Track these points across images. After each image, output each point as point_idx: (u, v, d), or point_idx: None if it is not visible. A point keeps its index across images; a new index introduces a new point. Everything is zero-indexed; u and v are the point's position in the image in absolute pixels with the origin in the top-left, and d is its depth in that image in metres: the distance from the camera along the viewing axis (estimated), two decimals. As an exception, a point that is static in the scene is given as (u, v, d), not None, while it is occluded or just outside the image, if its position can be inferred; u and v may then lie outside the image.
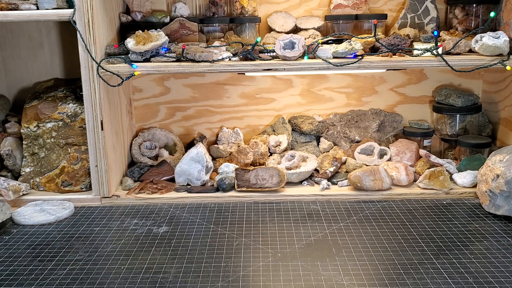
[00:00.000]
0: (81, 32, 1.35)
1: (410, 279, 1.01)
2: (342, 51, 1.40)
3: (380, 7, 1.68)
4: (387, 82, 1.73)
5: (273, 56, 1.44)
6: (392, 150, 1.61)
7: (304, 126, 1.68)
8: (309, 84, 1.74)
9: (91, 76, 1.37)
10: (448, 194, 1.44)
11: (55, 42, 1.67)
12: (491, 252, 1.12)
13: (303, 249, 1.15)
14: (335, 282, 1.01)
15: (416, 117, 1.76)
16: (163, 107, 1.75)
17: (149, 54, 1.40)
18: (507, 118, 1.59)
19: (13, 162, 1.52)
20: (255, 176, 1.47)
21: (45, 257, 1.13)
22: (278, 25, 1.64)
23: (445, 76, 1.72)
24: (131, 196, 1.45)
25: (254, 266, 1.07)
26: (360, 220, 1.30)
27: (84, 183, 1.49)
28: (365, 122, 1.71)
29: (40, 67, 1.69)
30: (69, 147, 1.51)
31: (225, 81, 1.73)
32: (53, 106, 1.52)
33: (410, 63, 1.39)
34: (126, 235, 1.24)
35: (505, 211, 1.27)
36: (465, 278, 1.01)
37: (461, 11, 1.59)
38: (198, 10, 1.67)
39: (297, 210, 1.37)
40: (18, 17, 1.36)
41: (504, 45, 1.37)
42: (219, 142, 1.73)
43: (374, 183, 1.43)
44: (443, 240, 1.18)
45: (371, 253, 1.12)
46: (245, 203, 1.42)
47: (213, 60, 1.38)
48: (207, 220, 1.32)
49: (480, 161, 1.50)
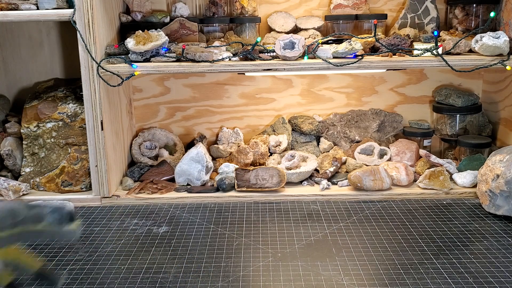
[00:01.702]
0: (81, 32, 1.35)
1: (410, 279, 1.01)
2: (342, 51, 1.40)
3: (380, 7, 1.68)
4: (387, 82, 1.73)
5: (273, 56, 1.44)
6: (392, 150, 1.61)
7: (304, 126, 1.68)
8: (309, 84, 1.74)
9: (91, 76, 1.37)
10: (448, 194, 1.44)
11: (55, 42, 1.67)
12: (491, 252, 1.12)
13: (303, 249, 1.15)
14: (335, 282, 1.01)
15: (416, 117, 1.76)
16: (163, 107, 1.75)
17: (149, 54, 1.40)
18: (507, 118, 1.59)
19: (13, 162, 1.52)
20: (255, 176, 1.47)
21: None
22: (278, 25, 1.64)
23: (445, 76, 1.72)
24: (131, 196, 1.45)
25: (254, 266, 1.07)
26: (360, 220, 1.30)
27: (84, 183, 1.49)
28: (365, 122, 1.71)
29: (40, 67, 1.69)
30: (69, 147, 1.51)
31: (225, 81, 1.73)
32: (53, 106, 1.52)
33: (410, 63, 1.39)
34: (126, 235, 1.24)
35: (505, 211, 1.27)
36: (465, 278, 1.01)
37: (461, 11, 1.59)
38: (198, 10, 1.67)
39: (297, 210, 1.37)
40: (18, 17, 1.36)
41: (504, 45, 1.37)
42: (219, 142, 1.73)
43: (374, 183, 1.43)
44: (443, 240, 1.18)
45: (371, 253, 1.12)
46: (245, 203, 1.42)
47: (213, 60, 1.38)
48: (207, 220, 1.32)
49: (480, 161, 1.50)
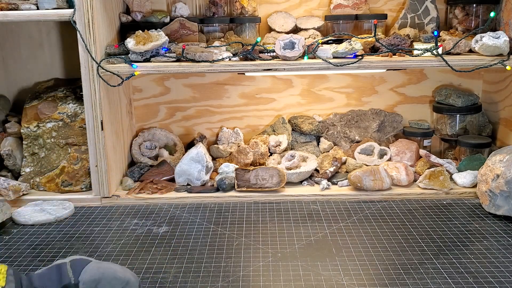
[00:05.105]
0: (81, 32, 1.35)
1: (410, 279, 1.01)
2: (342, 51, 1.40)
3: (380, 7, 1.68)
4: (387, 82, 1.73)
5: (273, 56, 1.44)
6: (392, 150, 1.61)
7: (304, 126, 1.68)
8: (309, 84, 1.74)
9: (91, 76, 1.37)
10: (448, 194, 1.44)
11: (55, 42, 1.67)
12: (491, 252, 1.12)
13: (303, 249, 1.15)
14: (335, 282, 1.01)
15: (416, 117, 1.76)
16: (163, 107, 1.75)
17: (149, 54, 1.40)
18: (507, 118, 1.59)
19: (13, 162, 1.52)
20: (255, 176, 1.47)
21: (45, 257, 1.13)
22: (278, 25, 1.64)
23: (445, 76, 1.73)
24: (131, 196, 1.45)
25: (254, 266, 1.07)
26: (360, 220, 1.30)
27: (84, 183, 1.49)
28: (365, 122, 1.71)
29: (40, 67, 1.69)
30: (69, 147, 1.51)
31: (225, 81, 1.73)
32: (53, 106, 1.52)
33: (410, 63, 1.39)
34: (126, 235, 1.24)
35: (505, 211, 1.27)
36: (465, 278, 1.01)
37: (461, 11, 1.59)
38: (198, 10, 1.67)
39: (297, 210, 1.37)
40: (18, 17, 1.36)
41: (504, 45, 1.37)
42: (219, 142, 1.73)
43: (374, 183, 1.43)
44: (443, 240, 1.18)
45: (371, 253, 1.12)
46: (245, 203, 1.42)
47: (213, 60, 1.38)
48: (207, 220, 1.32)
49: (480, 161, 1.50)
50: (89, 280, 0.85)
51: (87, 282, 0.85)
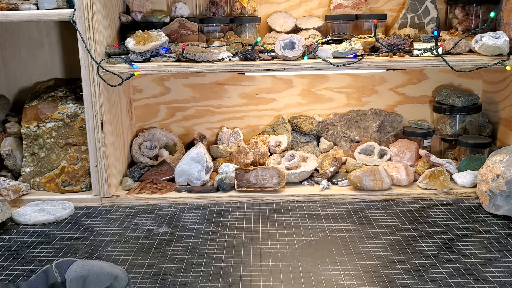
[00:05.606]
0: (81, 32, 1.35)
1: (410, 279, 1.01)
2: (342, 51, 1.40)
3: (380, 7, 1.68)
4: (387, 82, 1.73)
5: (273, 56, 1.44)
6: (392, 150, 1.61)
7: (304, 126, 1.68)
8: (309, 84, 1.74)
9: (91, 76, 1.37)
10: (448, 194, 1.44)
11: (55, 42, 1.67)
12: (491, 252, 1.12)
13: (303, 249, 1.15)
14: (335, 282, 1.01)
15: (416, 117, 1.76)
16: (163, 107, 1.75)
17: (149, 54, 1.40)
18: (507, 118, 1.59)
19: (13, 162, 1.52)
20: (255, 176, 1.47)
21: (45, 257, 1.13)
22: (278, 25, 1.64)
23: (445, 76, 1.73)
24: (131, 196, 1.45)
25: (254, 266, 1.07)
26: (360, 220, 1.30)
27: (84, 183, 1.49)
28: (365, 122, 1.71)
29: (40, 67, 1.69)
30: (69, 147, 1.51)
31: (225, 81, 1.73)
32: (53, 106, 1.52)
33: (410, 63, 1.39)
34: (126, 235, 1.24)
35: (505, 211, 1.27)
36: (465, 278, 1.01)
37: (461, 11, 1.59)
38: (198, 10, 1.67)
39: (297, 210, 1.37)
40: (18, 17, 1.36)
41: (504, 45, 1.37)
42: (219, 142, 1.73)
43: (374, 183, 1.43)
44: (443, 240, 1.18)
45: (371, 253, 1.12)
46: (245, 203, 1.42)
47: (213, 60, 1.38)
48: (207, 220, 1.32)
49: (480, 161, 1.50)
50: (76, 277, 0.85)
51: (74, 280, 0.85)
